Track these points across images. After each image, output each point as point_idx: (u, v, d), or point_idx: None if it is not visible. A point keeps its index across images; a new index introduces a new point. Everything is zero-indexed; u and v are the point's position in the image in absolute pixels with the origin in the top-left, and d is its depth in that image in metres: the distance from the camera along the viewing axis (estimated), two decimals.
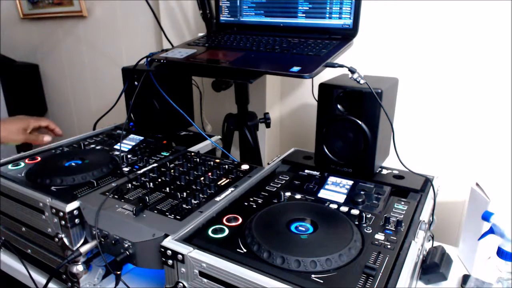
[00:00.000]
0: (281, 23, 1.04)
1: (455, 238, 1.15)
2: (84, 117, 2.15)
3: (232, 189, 0.85)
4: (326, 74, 0.93)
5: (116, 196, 0.82)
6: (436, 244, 0.87)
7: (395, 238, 0.67)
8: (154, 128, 1.20)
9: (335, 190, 0.85)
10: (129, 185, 0.87)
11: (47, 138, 0.89)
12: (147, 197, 0.79)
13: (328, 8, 0.96)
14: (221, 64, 0.92)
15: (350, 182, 0.88)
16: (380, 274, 0.59)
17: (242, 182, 0.88)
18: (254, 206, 0.79)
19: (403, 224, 0.72)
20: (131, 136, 1.19)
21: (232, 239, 0.67)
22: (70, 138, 1.19)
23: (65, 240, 0.80)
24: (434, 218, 0.85)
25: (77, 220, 0.79)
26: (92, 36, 1.91)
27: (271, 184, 0.89)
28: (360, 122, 0.86)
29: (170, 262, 0.65)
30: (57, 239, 0.81)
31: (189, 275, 0.63)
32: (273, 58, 0.92)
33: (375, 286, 0.56)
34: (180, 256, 0.63)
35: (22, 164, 0.97)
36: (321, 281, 0.57)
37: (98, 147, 1.12)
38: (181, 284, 0.65)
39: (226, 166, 0.97)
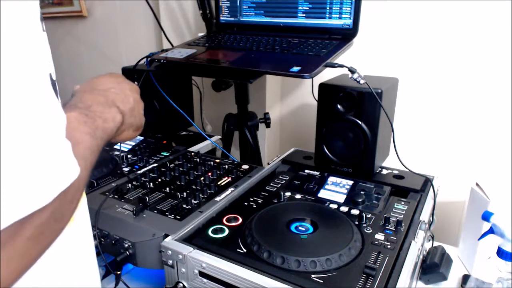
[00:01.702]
0: (281, 23, 1.04)
1: (455, 238, 1.15)
2: None
3: (232, 189, 0.85)
4: (326, 74, 0.93)
5: (116, 196, 0.82)
6: (436, 244, 0.87)
7: (395, 238, 0.67)
8: (154, 128, 1.20)
9: (335, 190, 0.85)
10: (129, 185, 0.87)
11: None
12: (147, 197, 0.79)
13: (328, 8, 0.96)
14: (221, 64, 0.92)
15: (350, 182, 0.88)
16: (380, 274, 0.59)
17: (242, 182, 0.88)
18: (254, 206, 0.79)
19: (403, 224, 0.72)
20: None
21: (232, 239, 0.67)
22: None
23: None
24: (434, 218, 0.85)
25: None
26: (92, 36, 1.91)
27: (271, 184, 0.89)
28: (360, 122, 0.86)
29: (170, 262, 0.65)
30: None
31: (189, 275, 0.63)
32: (273, 58, 0.92)
33: (375, 286, 0.56)
34: (180, 256, 0.63)
35: None
36: (321, 281, 0.57)
37: None
38: (181, 284, 0.65)
39: (226, 166, 0.97)
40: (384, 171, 0.94)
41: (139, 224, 0.72)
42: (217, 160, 1.01)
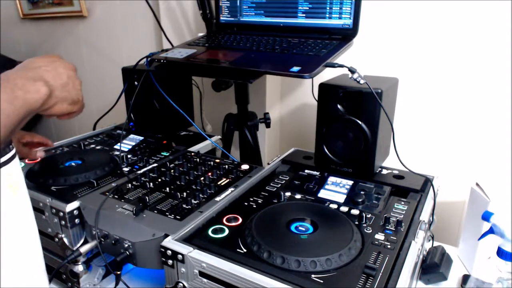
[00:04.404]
0: (281, 23, 1.04)
1: (455, 238, 1.15)
2: (84, 117, 2.14)
3: (232, 189, 0.85)
4: (326, 74, 0.93)
5: (116, 196, 0.82)
6: (436, 244, 0.87)
7: (395, 238, 0.67)
8: (154, 128, 1.20)
9: (335, 190, 0.85)
10: (129, 185, 0.87)
11: (40, 153, 0.88)
12: (147, 197, 0.79)
13: (328, 8, 0.96)
14: (221, 64, 0.92)
15: (350, 182, 0.88)
16: (380, 274, 0.59)
17: (242, 182, 0.88)
18: (254, 206, 0.79)
19: (403, 224, 0.72)
20: (131, 136, 1.19)
21: (232, 239, 0.67)
22: (70, 138, 1.18)
23: (65, 240, 0.80)
24: (434, 218, 0.85)
25: (77, 220, 0.79)
26: (92, 36, 1.91)
27: (271, 184, 0.89)
28: (360, 122, 0.86)
29: (170, 262, 0.65)
30: (57, 239, 0.81)
31: (189, 275, 0.63)
32: (273, 58, 0.92)
33: (375, 286, 0.56)
34: (180, 256, 0.63)
35: (22, 164, 0.97)
36: (321, 281, 0.57)
37: (98, 147, 1.12)
38: (181, 284, 0.65)
39: (226, 166, 0.97)
40: (384, 171, 0.94)
41: (139, 224, 0.72)
42: (217, 160, 1.01)
